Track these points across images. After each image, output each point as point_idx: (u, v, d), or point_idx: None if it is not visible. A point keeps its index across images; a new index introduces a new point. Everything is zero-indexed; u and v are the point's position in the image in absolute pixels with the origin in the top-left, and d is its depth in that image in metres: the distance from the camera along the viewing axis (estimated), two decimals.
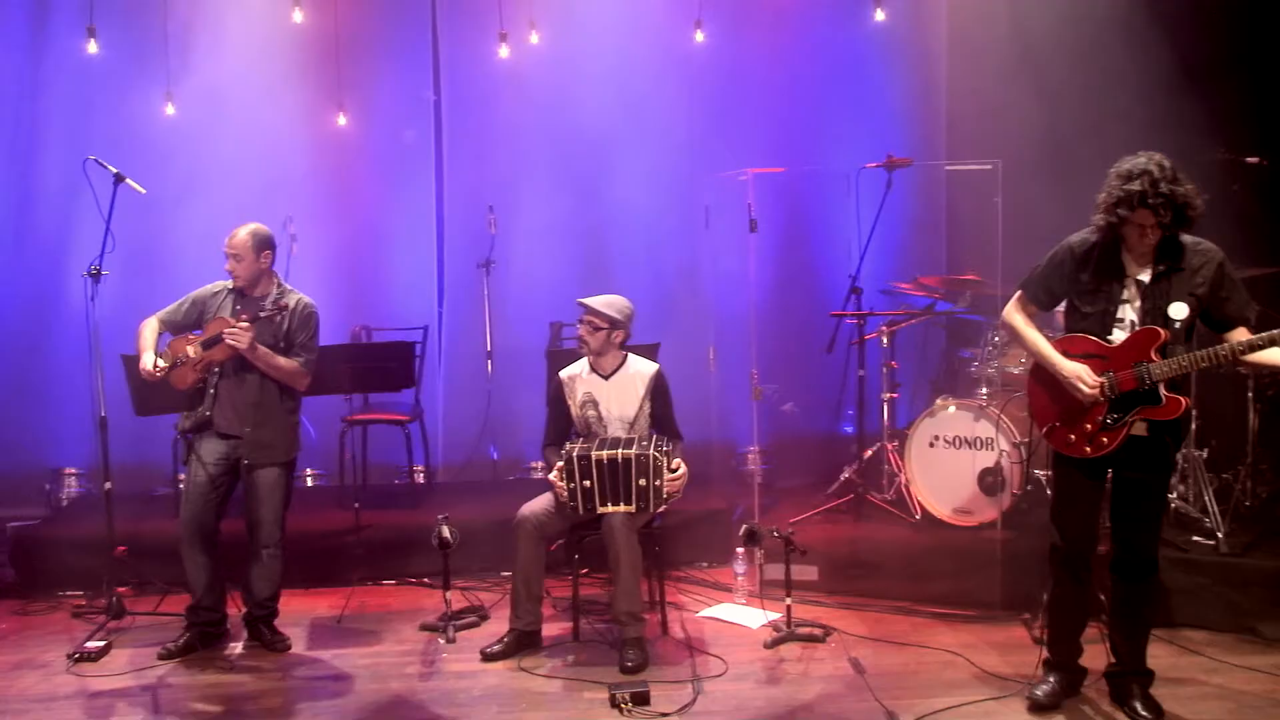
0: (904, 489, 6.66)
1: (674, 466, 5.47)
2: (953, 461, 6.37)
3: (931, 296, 7.04)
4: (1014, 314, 4.64)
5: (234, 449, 5.50)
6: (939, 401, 6.48)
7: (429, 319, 8.12)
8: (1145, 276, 4.36)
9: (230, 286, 5.58)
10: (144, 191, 5.70)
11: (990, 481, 6.23)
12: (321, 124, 7.86)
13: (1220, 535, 5.73)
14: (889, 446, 6.87)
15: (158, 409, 6.59)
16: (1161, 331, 4.29)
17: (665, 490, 5.40)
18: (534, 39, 7.74)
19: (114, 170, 5.65)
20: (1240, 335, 4.31)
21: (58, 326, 7.79)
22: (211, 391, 5.48)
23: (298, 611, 6.14)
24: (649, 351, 6.52)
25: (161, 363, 5.43)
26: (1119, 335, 4.38)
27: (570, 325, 7.15)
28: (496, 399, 8.09)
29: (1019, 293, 4.65)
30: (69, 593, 6.52)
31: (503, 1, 7.63)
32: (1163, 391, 4.32)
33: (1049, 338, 4.59)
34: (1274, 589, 5.52)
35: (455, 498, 7.39)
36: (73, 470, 7.85)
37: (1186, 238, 4.36)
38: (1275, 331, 4.15)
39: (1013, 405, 6.26)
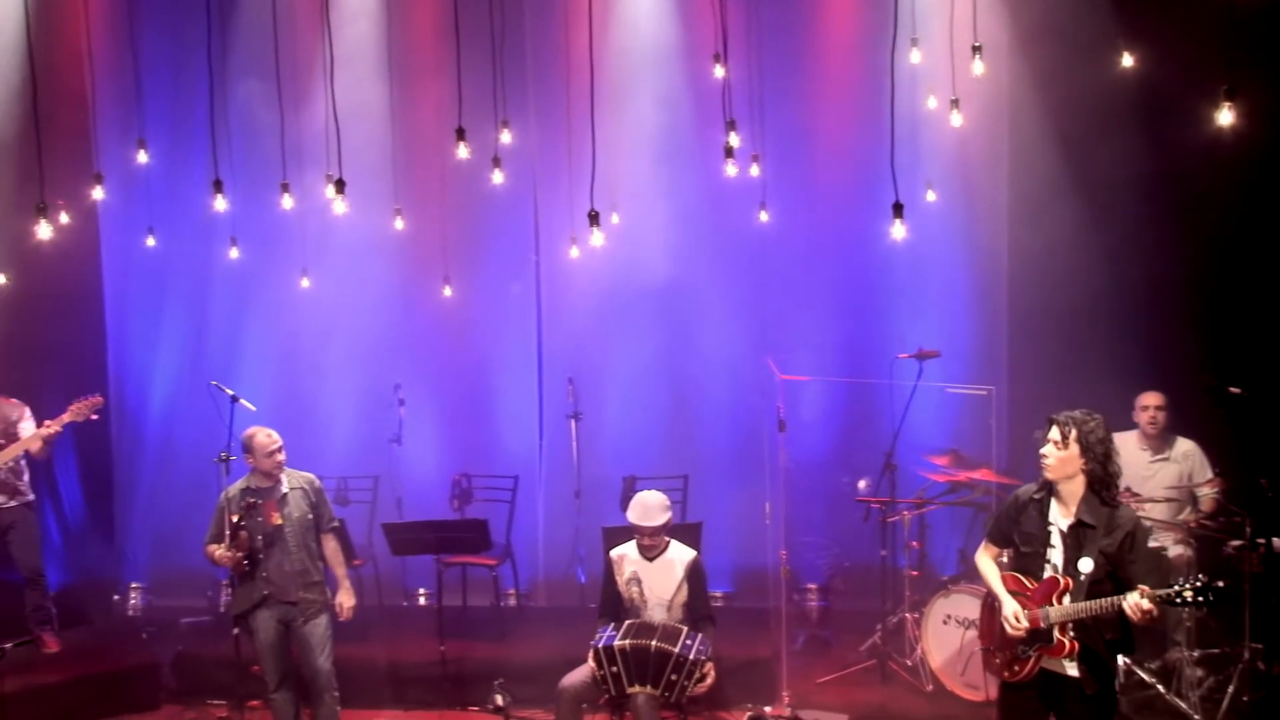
0: (920, 659, 7.42)
1: (705, 672, 6.32)
2: (963, 639, 7.07)
3: (955, 479, 7.74)
4: (980, 554, 5.38)
5: (284, 614, 6.63)
6: (948, 587, 7.22)
7: (529, 461, 9.35)
8: (1065, 526, 5.02)
9: (244, 486, 6.66)
10: (254, 409, 7.04)
11: None
12: (429, 296, 9.14)
13: None
14: (910, 618, 7.60)
15: None
16: (1062, 580, 4.94)
17: (692, 691, 6.29)
18: (615, 219, 8.76)
19: (230, 392, 7.08)
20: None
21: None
22: (264, 574, 6.60)
23: None
24: (691, 531, 7.46)
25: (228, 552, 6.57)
26: (1048, 575, 5.05)
27: (643, 479, 8.21)
28: (583, 531, 9.15)
29: (986, 536, 5.40)
30: (215, 702, 7.77)
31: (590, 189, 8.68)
32: (1055, 633, 4.95)
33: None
34: None
35: (537, 628, 8.52)
36: (227, 583, 8.98)
37: (1115, 504, 4.97)
38: (1158, 592, 4.72)
39: None
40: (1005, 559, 5.43)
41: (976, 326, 8.80)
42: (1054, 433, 4.98)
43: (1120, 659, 6.48)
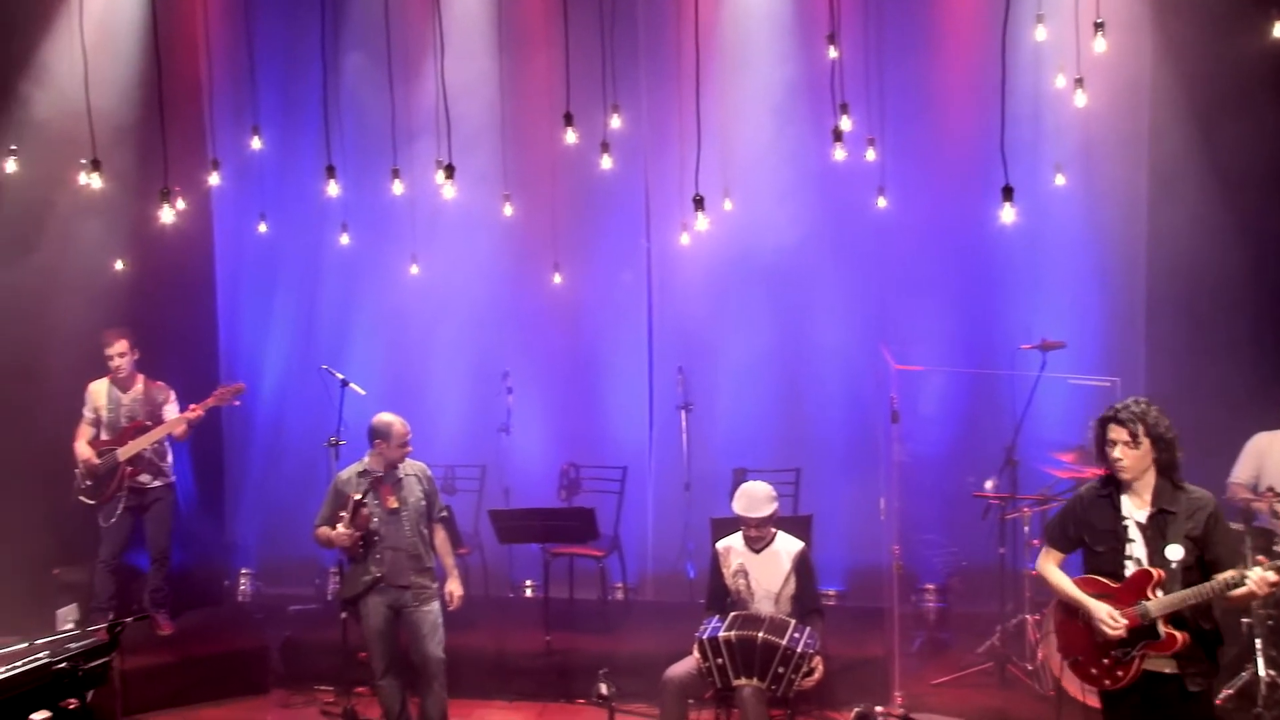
0: (1042, 663, 7.27)
1: (813, 666, 6.31)
2: None
3: (1080, 476, 7.58)
4: (1043, 563, 5.28)
5: (395, 599, 6.79)
6: None
7: (638, 452, 9.43)
8: (1143, 517, 4.94)
9: (360, 470, 6.85)
10: (364, 393, 7.26)
11: None
12: (539, 284, 9.27)
13: None
14: (1030, 620, 7.47)
15: None
16: (1155, 572, 4.83)
17: (799, 685, 6.29)
18: (727, 206, 8.79)
19: (340, 376, 7.30)
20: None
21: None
22: (378, 556, 6.77)
23: None
24: (801, 524, 7.45)
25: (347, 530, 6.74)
26: (1131, 570, 4.93)
27: (753, 472, 8.21)
28: (693, 525, 9.16)
29: (1046, 543, 5.30)
30: (322, 688, 8.01)
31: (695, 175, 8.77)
32: (1161, 628, 4.83)
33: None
34: None
35: (645, 622, 8.61)
36: (335, 570, 9.22)
37: (1185, 486, 4.92)
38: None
39: None
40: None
41: (1107, 315, 8.60)
42: (1119, 433, 4.90)
43: (1263, 670, 6.39)
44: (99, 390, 8.22)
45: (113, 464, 8.05)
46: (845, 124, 6.75)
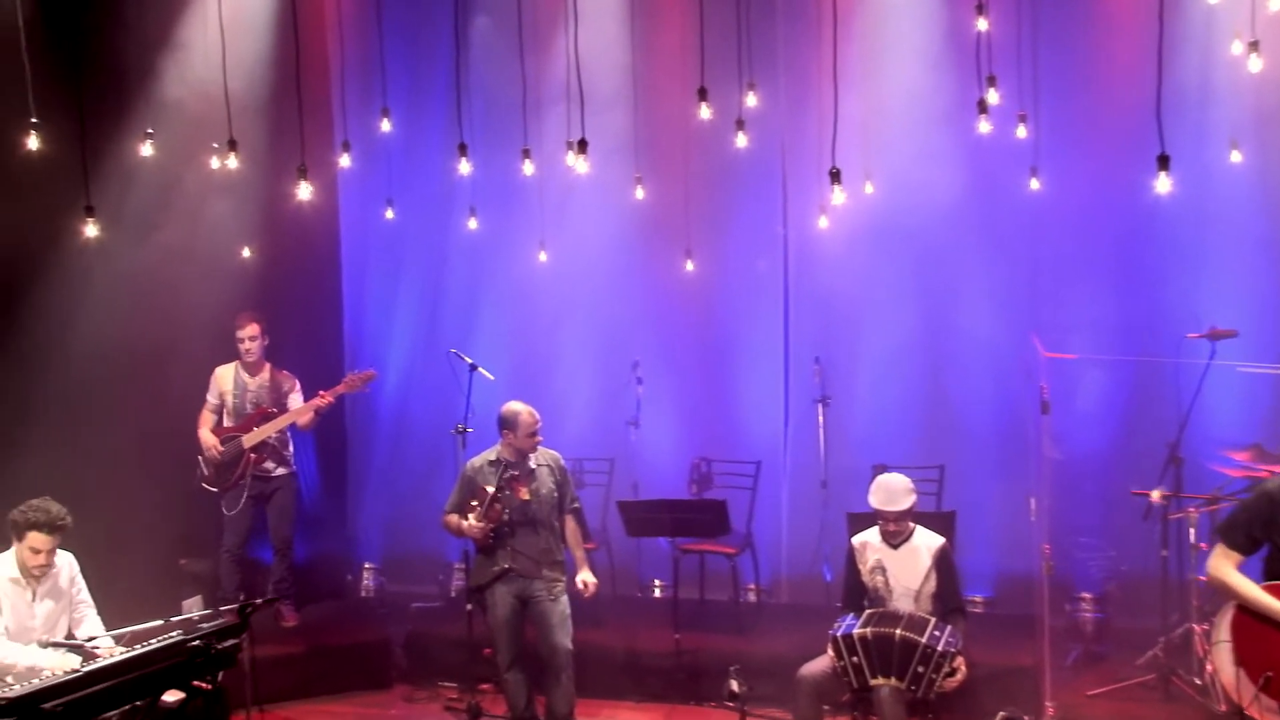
0: (1212, 677, 6.93)
1: (955, 666, 6.13)
2: None
3: (1255, 475, 7.22)
4: (1221, 566, 5.01)
5: (523, 589, 6.81)
6: None
7: (772, 446, 9.30)
8: None
9: (491, 459, 6.87)
10: (493, 378, 7.29)
11: None
12: (670, 271, 9.17)
13: None
14: (1198, 630, 7.10)
15: None
16: None
17: (940, 686, 6.10)
18: (868, 189, 8.58)
19: (469, 360, 7.37)
20: None
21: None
22: (507, 548, 6.80)
23: None
24: (944, 520, 7.24)
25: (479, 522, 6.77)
26: None
27: (894, 469, 8.01)
28: (829, 525, 8.92)
29: (1219, 543, 5.03)
30: (445, 684, 8.05)
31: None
32: None
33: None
34: None
35: (778, 625, 8.47)
36: (460, 566, 9.17)
37: None
38: None
39: None
40: None
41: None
42: None
43: None
44: (225, 375, 8.37)
45: (238, 451, 8.19)
46: (992, 97, 6.55)
